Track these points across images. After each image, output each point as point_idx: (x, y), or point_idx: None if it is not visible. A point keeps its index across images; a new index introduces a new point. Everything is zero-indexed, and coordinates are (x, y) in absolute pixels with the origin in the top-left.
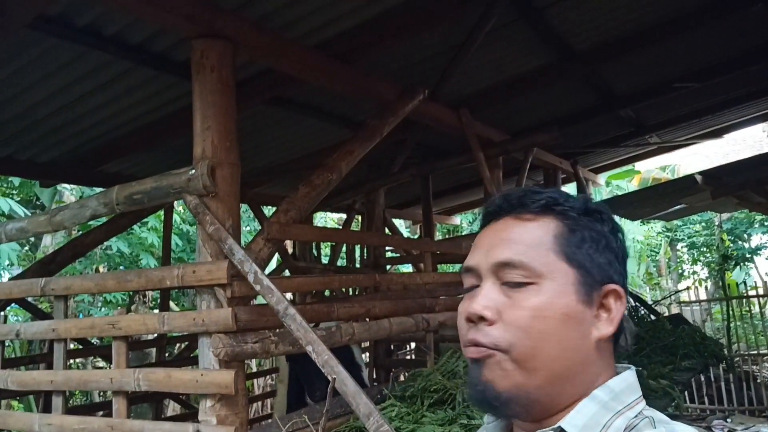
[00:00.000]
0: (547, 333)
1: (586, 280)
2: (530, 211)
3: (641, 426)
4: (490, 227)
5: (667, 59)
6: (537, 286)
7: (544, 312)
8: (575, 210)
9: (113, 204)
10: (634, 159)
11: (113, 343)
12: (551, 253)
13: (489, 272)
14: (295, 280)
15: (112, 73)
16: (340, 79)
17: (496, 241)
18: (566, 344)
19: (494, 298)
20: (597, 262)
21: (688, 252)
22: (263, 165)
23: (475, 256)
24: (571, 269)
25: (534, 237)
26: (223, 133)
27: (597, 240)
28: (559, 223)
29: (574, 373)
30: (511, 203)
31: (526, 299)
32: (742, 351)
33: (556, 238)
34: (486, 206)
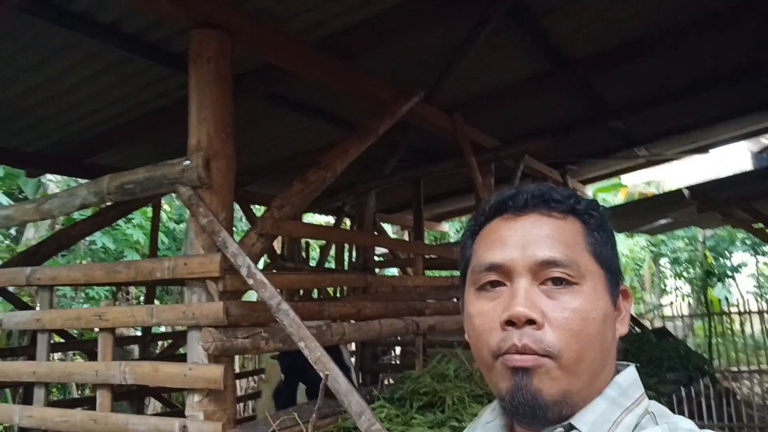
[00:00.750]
0: (593, 336)
1: (611, 281)
2: (559, 209)
3: (644, 423)
4: (514, 221)
5: (659, 72)
6: (579, 287)
7: (591, 314)
8: (592, 209)
9: (104, 193)
10: (623, 171)
11: (99, 335)
12: (585, 253)
13: (526, 270)
14: (287, 276)
15: (104, 62)
16: (337, 77)
17: (532, 238)
18: (605, 346)
19: (536, 299)
20: (615, 262)
21: (671, 267)
22: (253, 163)
23: (504, 252)
24: (602, 270)
25: (570, 236)
26: (219, 124)
27: (610, 239)
28: (582, 223)
29: (603, 371)
30: (542, 197)
31: (572, 300)
32: (723, 367)
33: (585, 237)
34: (496, 202)
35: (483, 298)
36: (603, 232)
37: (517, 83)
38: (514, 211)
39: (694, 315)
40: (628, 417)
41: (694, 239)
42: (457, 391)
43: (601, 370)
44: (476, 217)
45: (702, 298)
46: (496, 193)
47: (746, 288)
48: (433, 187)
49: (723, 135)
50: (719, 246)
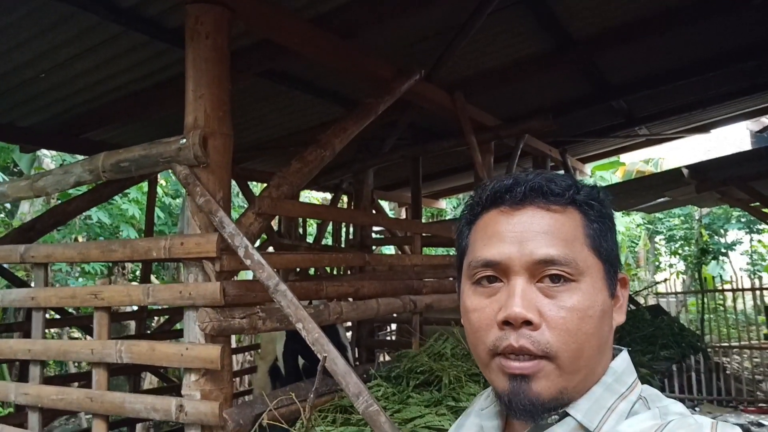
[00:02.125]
0: (591, 333)
1: (610, 272)
2: (558, 202)
3: (637, 408)
4: (511, 215)
5: (663, 51)
6: (577, 284)
7: (589, 312)
8: (593, 198)
9: (99, 171)
10: (622, 150)
11: (95, 314)
12: (585, 248)
13: (523, 269)
14: (284, 256)
15: (100, 36)
16: (337, 55)
17: (530, 235)
18: (602, 341)
19: (533, 298)
20: (614, 252)
21: (666, 245)
22: (252, 140)
23: (501, 248)
24: (600, 263)
25: (569, 231)
26: (216, 102)
27: (611, 228)
28: (582, 215)
29: (600, 363)
30: (540, 189)
31: (570, 299)
32: (714, 342)
33: (585, 230)
34: (491, 191)
35: (479, 293)
36: (603, 221)
37: (519, 62)
38: (511, 204)
39: (687, 292)
40: (622, 404)
41: (690, 217)
42: (454, 369)
43: (598, 363)
44: (472, 205)
45: (696, 275)
46: (493, 180)
47: (740, 265)
48: (432, 165)
49: (724, 114)
50: (715, 223)
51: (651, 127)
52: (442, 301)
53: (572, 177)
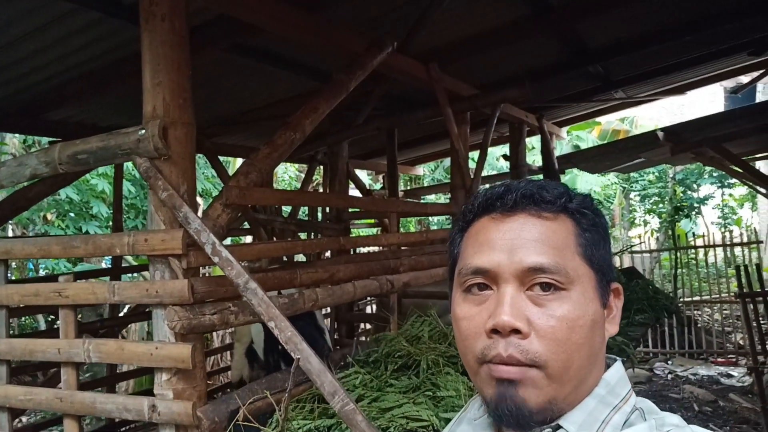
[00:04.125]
0: (581, 343)
1: (602, 282)
2: (550, 209)
3: (633, 420)
4: (502, 222)
5: (640, 15)
6: (567, 293)
7: (579, 321)
8: (585, 207)
9: (55, 163)
10: (599, 113)
11: (60, 312)
12: (576, 256)
13: (513, 276)
14: (255, 247)
15: (52, 14)
16: (305, 30)
17: (520, 242)
18: (593, 351)
19: (522, 306)
20: (606, 261)
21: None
22: (221, 114)
23: (492, 255)
24: (592, 272)
25: (560, 239)
26: (176, 89)
27: (604, 237)
28: (574, 223)
29: (592, 374)
30: (531, 197)
31: (559, 308)
32: (686, 296)
33: (576, 238)
34: (483, 200)
35: (469, 301)
36: (596, 230)
37: (495, 29)
38: (502, 211)
39: (661, 249)
40: (616, 416)
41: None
42: (432, 353)
43: (589, 374)
44: (465, 212)
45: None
46: (485, 189)
47: (711, 219)
48: (408, 132)
49: (700, 75)
50: (688, 179)
51: (627, 90)
52: (420, 278)
53: (564, 185)
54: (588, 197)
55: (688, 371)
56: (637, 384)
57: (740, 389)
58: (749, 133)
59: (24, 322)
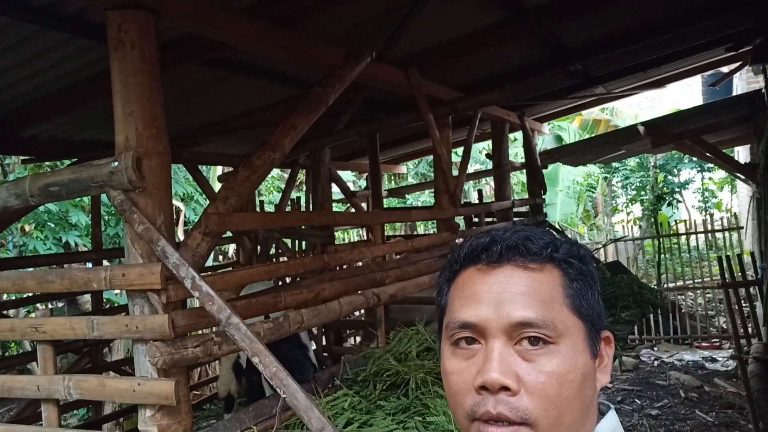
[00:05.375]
0: (572, 398)
1: (592, 332)
2: (536, 260)
3: None
4: (488, 274)
5: (617, 14)
6: (556, 347)
7: (569, 376)
8: (574, 257)
9: (26, 196)
10: (579, 108)
11: (38, 347)
12: (564, 308)
13: (501, 331)
14: (237, 274)
15: (17, 35)
16: (280, 46)
17: (507, 296)
18: (584, 404)
19: (511, 362)
20: (596, 310)
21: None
22: (198, 123)
23: (479, 310)
24: (581, 323)
25: (548, 290)
26: (149, 118)
27: (592, 284)
28: (561, 273)
29: (584, 428)
30: (517, 249)
31: (549, 363)
32: (669, 282)
33: (564, 289)
34: (469, 249)
35: (458, 355)
36: (584, 279)
37: (474, 33)
38: (488, 262)
39: (644, 237)
40: None
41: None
42: (420, 371)
43: (582, 428)
44: (451, 263)
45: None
46: (471, 239)
47: (692, 203)
48: (390, 133)
49: (679, 68)
50: (669, 164)
51: (607, 86)
52: (407, 288)
53: (551, 234)
54: (575, 246)
55: (674, 357)
56: (624, 372)
57: (724, 374)
58: (727, 125)
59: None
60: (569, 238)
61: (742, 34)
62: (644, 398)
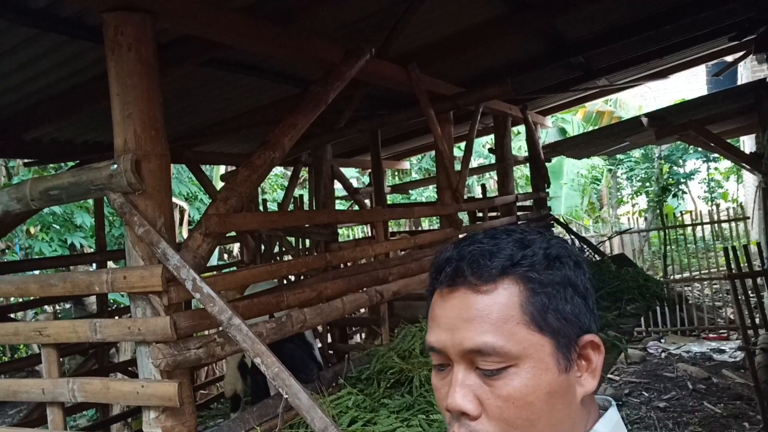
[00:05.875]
0: (535, 418)
1: (562, 344)
2: (487, 280)
3: None
4: (445, 299)
5: (619, 6)
6: (515, 368)
7: (528, 398)
8: (536, 267)
9: (27, 200)
10: (582, 100)
11: (42, 351)
12: (522, 327)
13: (459, 357)
14: (239, 274)
15: (16, 39)
16: (279, 44)
17: (458, 322)
18: (555, 420)
19: (472, 385)
20: (569, 318)
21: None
22: (200, 123)
23: (438, 335)
24: (545, 338)
25: (500, 312)
26: (147, 120)
27: (563, 291)
28: (521, 288)
29: None
30: (462, 272)
31: (505, 386)
32: (676, 273)
33: (523, 306)
34: (434, 269)
35: (437, 374)
36: (552, 287)
37: (474, 28)
38: (446, 286)
39: (650, 229)
40: None
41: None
42: (424, 368)
43: None
44: (429, 276)
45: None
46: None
47: (698, 193)
48: (392, 129)
49: (682, 58)
50: (674, 155)
51: (610, 77)
52: (410, 285)
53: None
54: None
55: (681, 349)
56: (631, 364)
57: (732, 365)
58: (731, 115)
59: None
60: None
61: (745, 24)
62: (652, 391)
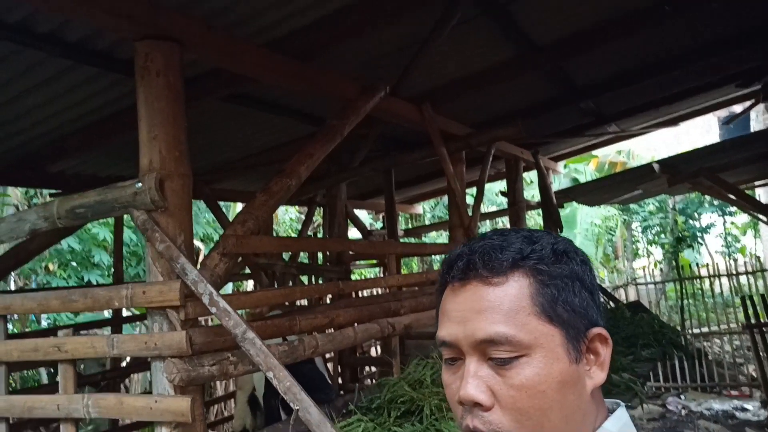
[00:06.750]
0: (548, 407)
1: (572, 335)
2: (498, 273)
3: None
4: (457, 293)
5: (627, 51)
6: (527, 358)
7: (541, 386)
8: (545, 260)
9: (54, 218)
10: (593, 147)
11: (59, 367)
12: (533, 318)
13: (471, 349)
14: (253, 295)
15: (51, 71)
16: (298, 79)
17: (471, 314)
18: (567, 410)
19: (484, 377)
20: (577, 311)
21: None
22: (219, 160)
23: (450, 328)
24: (556, 329)
25: (511, 303)
26: (172, 142)
27: (572, 284)
28: (531, 280)
29: (575, 429)
30: (474, 265)
31: (517, 376)
32: (694, 328)
33: (533, 298)
34: (445, 266)
35: (448, 369)
36: (559, 281)
37: (486, 70)
38: (457, 280)
39: (666, 280)
40: None
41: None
42: (435, 398)
43: (573, 428)
44: (439, 279)
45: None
46: (449, 253)
47: (715, 248)
48: (406, 172)
49: (692, 107)
50: (689, 208)
51: (620, 124)
52: (421, 319)
53: (525, 235)
54: (547, 247)
55: (702, 406)
56: (650, 421)
57: (756, 423)
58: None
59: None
60: (552, 235)
61: (752, 71)
62: None
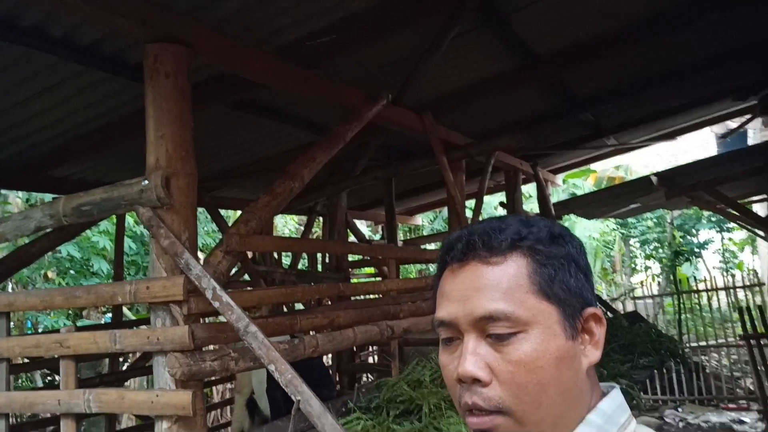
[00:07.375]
0: (546, 383)
1: (568, 313)
2: (497, 252)
3: None
4: (456, 273)
5: (626, 65)
6: (525, 334)
7: (539, 362)
8: (542, 241)
9: (60, 216)
10: (592, 160)
11: (61, 363)
12: (531, 296)
13: (470, 326)
14: (255, 293)
15: (60, 75)
16: (302, 84)
17: (470, 292)
18: (564, 386)
19: (483, 354)
20: (573, 290)
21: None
22: (221, 168)
23: (449, 308)
24: (553, 307)
25: (510, 281)
26: (179, 141)
27: (567, 265)
28: (528, 260)
29: (572, 407)
30: (474, 245)
31: (515, 351)
32: (692, 342)
33: (531, 276)
34: (445, 248)
35: (445, 350)
36: (555, 261)
37: (487, 80)
38: (457, 261)
39: (663, 294)
40: None
41: (663, 219)
42: (434, 397)
43: (569, 408)
44: (439, 260)
45: (671, 277)
46: (448, 237)
47: (713, 263)
48: (406, 183)
49: (689, 121)
50: (686, 224)
51: (619, 137)
52: (420, 323)
53: (522, 219)
54: (544, 229)
55: (700, 418)
56: None
57: None
58: (741, 176)
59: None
60: (547, 220)
61: (748, 85)
62: None
